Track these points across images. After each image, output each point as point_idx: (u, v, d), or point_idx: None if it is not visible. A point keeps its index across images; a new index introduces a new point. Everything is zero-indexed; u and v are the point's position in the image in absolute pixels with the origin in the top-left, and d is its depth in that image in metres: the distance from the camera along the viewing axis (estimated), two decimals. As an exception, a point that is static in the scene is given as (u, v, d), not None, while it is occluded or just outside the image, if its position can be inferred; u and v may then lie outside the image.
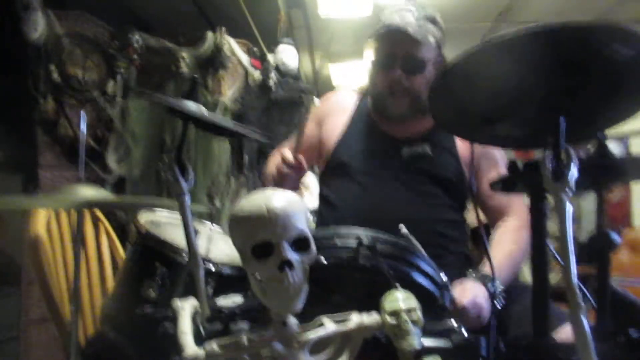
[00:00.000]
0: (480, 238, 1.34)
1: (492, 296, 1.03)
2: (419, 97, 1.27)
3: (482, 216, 1.36)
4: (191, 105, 0.81)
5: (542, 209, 0.66)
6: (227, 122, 0.97)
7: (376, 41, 1.28)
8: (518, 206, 1.28)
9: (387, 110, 1.31)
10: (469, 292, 1.01)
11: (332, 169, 1.35)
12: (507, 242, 1.20)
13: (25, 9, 2.04)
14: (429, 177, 1.28)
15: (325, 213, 1.34)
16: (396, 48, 1.25)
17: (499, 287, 1.05)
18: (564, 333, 0.89)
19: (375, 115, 1.37)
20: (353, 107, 1.40)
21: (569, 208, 0.56)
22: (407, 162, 1.29)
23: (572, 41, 0.56)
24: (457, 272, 1.10)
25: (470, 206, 1.43)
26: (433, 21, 1.26)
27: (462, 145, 1.32)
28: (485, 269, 1.09)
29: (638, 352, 0.63)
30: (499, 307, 1.03)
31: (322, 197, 1.38)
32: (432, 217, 1.25)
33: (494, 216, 1.29)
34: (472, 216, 1.69)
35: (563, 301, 0.55)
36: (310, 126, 1.42)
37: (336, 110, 1.41)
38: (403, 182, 1.27)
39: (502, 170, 1.31)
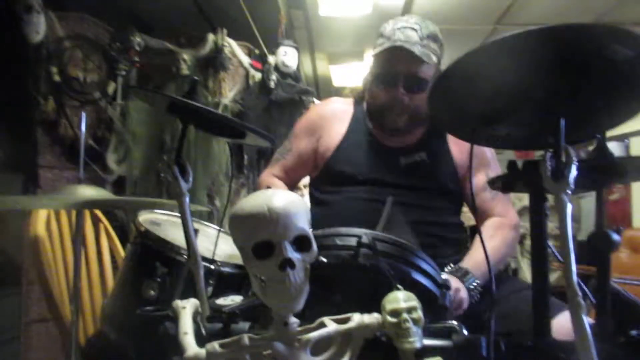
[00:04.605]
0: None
1: (468, 290, 1.08)
2: (417, 112, 1.28)
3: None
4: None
5: (542, 209, 0.66)
6: (230, 120, 0.97)
7: (379, 57, 1.27)
8: (503, 207, 1.30)
9: (385, 123, 1.32)
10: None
11: (329, 177, 1.35)
12: (490, 238, 1.23)
13: (26, 11, 2.05)
14: (428, 184, 1.29)
15: (323, 214, 1.33)
16: (399, 66, 1.24)
17: (475, 282, 1.09)
18: (562, 320, 0.90)
19: (371, 124, 1.37)
20: (349, 116, 1.40)
21: (569, 208, 0.56)
22: (405, 171, 1.30)
23: (571, 42, 0.56)
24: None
25: (466, 208, 1.45)
26: (435, 39, 1.25)
27: (456, 149, 1.33)
28: (467, 264, 1.14)
29: (638, 352, 0.63)
30: (474, 300, 1.07)
31: (318, 201, 1.37)
32: (433, 224, 1.26)
33: (479, 217, 1.32)
34: (469, 216, 1.70)
35: (563, 301, 0.55)
36: (305, 139, 1.41)
37: (332, 120, 1.40)
38: (403, 191, 1.27)
39: (492, 171, 1.32)
